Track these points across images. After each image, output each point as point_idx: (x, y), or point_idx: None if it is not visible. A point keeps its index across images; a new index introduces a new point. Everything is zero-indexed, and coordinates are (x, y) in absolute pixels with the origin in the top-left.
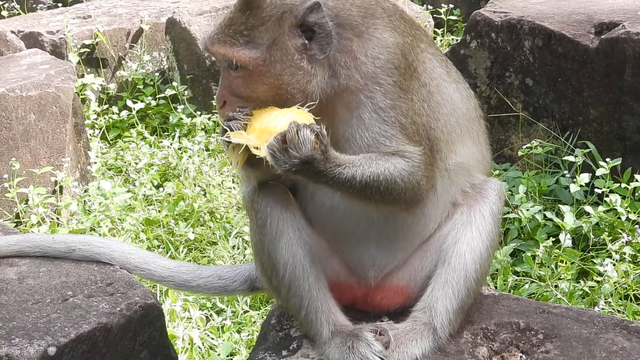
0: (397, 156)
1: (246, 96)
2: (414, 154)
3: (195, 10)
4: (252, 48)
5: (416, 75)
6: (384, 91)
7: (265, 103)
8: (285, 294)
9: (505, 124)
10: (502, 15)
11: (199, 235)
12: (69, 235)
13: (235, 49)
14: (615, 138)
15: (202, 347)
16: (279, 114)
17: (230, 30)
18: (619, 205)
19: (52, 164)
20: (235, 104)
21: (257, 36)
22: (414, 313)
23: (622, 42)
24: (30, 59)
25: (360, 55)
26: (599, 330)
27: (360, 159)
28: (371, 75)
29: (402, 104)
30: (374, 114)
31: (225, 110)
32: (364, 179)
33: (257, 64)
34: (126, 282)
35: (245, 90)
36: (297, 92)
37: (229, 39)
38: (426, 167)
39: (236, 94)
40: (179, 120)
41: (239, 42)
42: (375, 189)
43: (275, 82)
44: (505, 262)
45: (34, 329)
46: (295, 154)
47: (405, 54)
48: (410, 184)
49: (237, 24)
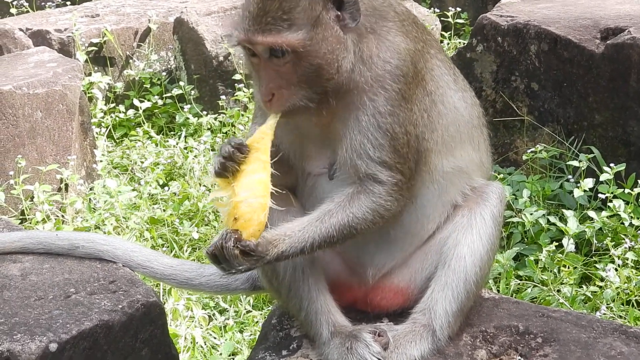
0: (362, 194)
1: (296, 83)
2: (386, 184)
3: (203, 10)
4: (297, 30)
5: (422, 83)
6: (388, 97)
7: (310, 90)
8: (286, 295)
9: (510, 127)
10: (508, 19)
11: (203, 234)
12: (72, 232)
13: (281, 34)
14: (620, 143)
15: (204, 346)
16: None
17: (269, 17)
18: (623, 210)
19: (58, 161)
20: (283, 96)
21: (297, 17)
22: (413, 315)
23: (627, 47)
24: (38, 57)
25: (374, 53)
26: (598, 335)
27: (311, 219)
28: (379, 79)
29: (401, 112)
30: (372, 118)
31: (273, 104)
32: (319, 239)
33: (306, 45)
34: (128, 280)
35: (294, 76)
36: (335, 72)
37: (271, 27)
38: (399, 190)
39: (285, 85)
40: (185, 120)
41: (282, 27)
42: (338, 237)
43: (322, 60)
44: (508, 265)
45: (36, 325)
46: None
47: (414, 62)
48: (378, 215)
49: (272, 11)
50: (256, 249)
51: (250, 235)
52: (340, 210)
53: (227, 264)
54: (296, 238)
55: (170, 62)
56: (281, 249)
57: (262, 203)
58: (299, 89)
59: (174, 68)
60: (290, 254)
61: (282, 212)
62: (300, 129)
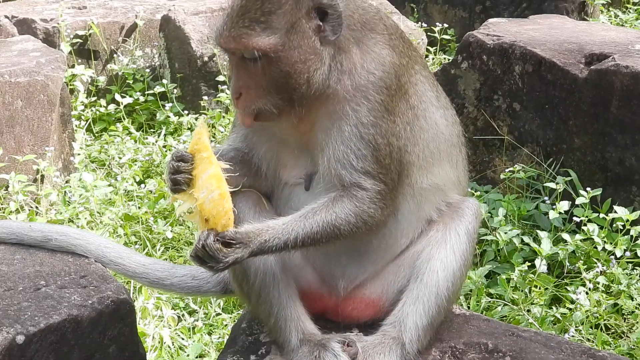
0: (345, 197)
1: (264, 86)
2: (370, 192)
3: (191, 9)
4: (271, 34)
5: (406, 97)
6: (370, 107)
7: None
8: (256, 301)
9: (489, 146)
10: (494, 38)
11: (176, 234)
12: (46, 224)
13: (253, 38)
14: (598, 168)
15: (172, 346)
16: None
17: (246, 20)
18: (596, 235)
19: (36, 152)
20: (251, 96)
21: (274, 21)
22: (383, 327)
23: (611, 74)
24: (22, 45)
25: (357, 64)
26: (567, 357)
27: (295, 217)
28: (362, 89)
29: (384, 124)
30: (355, 128)
31: (240, 103)
32: (302, 236)
33: (277, 50)
34: (100, 276)
35: (263, 80)
36: (303, 84)
37: (246, 30)
38: (383, 199)
39: (253, 87)
40: (166, 118)
41: (256, 30)
42: (319, 237)
43: (291, 69)
44: (480, 283)
45: (4, 316)
46: (216, 264)
47: (398, 75)
48: (361, 220)
49: (251, 12)
50: (235, 236)
51: (224, 227)
52: (324, 209)
53: (213, 260)
54: (280, 230)
55: (155, 59)
56: (264, 238)
57: (220, 193)
58: (266, 93)
59: (158, 65)
60: (274, 245)
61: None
62: (277, 136)
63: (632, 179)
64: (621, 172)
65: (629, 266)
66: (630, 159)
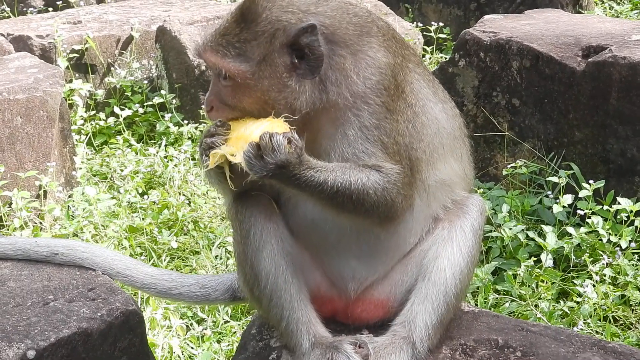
0: (374, 169)
1: (233, 105)
2: (391, 171)
3: (186, 19)
4: (243, 61)
5: (403, 96)
6: (372, 111)
7: (250, 113)
8: (267, 305)
9: (490, 143)
10: (491, 35)
11: (182, 244)
12: (51, 239)
13: (225, 60)
14: (599, 160)
15: (182, 356)
16: (255, 123)
17: (224, 40)
18: (601, 227)
19: (37, 168)
20: (222, 111)
21: (248, 50)
22: (393, 327)
23: (608, 65)
24: (19, 62)
25: (352, 74)
26: (577, 350)
27: (335, 166)
28: (361, 95)
29: (387, 124)
30: (359, 131)
31: (212, 115)
32: (336, 185)
33: (245, 77)
34: (108, 288)
35: (233, 100)
36: (284, 108)
37: (221, 49)
38: (403, 185)
39: (224, 102)
40: (166, 129)
41: (230, 53)
42: (347, 197)
43: (261, 97)
44: (487, 280)
45: (14, 332)
46: (270, 159)
47: (395, 75)
48: (383, 198)
49: (230, 35)
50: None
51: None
52: (360, 169)
53: (271, 155)
54: (323, 166)
55: (152, 71)
56: (313, 165)
57: (270, 122)
58: (236, 110)
59: (156, 76)
60: (316, 177)
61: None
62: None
63: (634, 169)
64: (623, 164)
65: (634, 257)
66: (631, 150)
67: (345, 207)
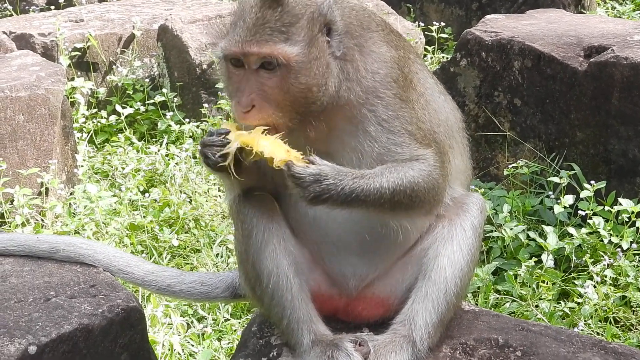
0: (412, 160)
1: (277, 100)
2: (428, 156)
3: (187, 18)
4: (292, 45)
5: (412, 85)
6: (385, 104)
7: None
8: (268, 303)
9: (492, 143)
10: (492, 34)
11: (183, 242)
12: (53, 235)
13: (277, 46)
14: (601, 161)
15: (182, 353)
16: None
17: (267, 28)
18: (602, 228)
19: (39, 165)
20: (264, 110)
21: (293, 33)
22: (393, 325)
23: (610, 66)
24: (21, 60)
25: (362, 69)
26: (577, 350)
27: (378, 169)
28: (372, 90)
29: (405, 113)
30: (379, 126)
31: (251, 116)
32: (390, 185)
33: (299, 60)
34: (109, 285)
35: (279, 93)
36: (319, 95)
37: (268, 37)
38: (441, 165)
39: (266, 98)
40: (167, 127)
41: (279, 38)
42: (402, 193)
43: (309, 82)
44: (487, 280)
45: (15, 328)
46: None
47: (401, 67)
48: (431, 183)
49: (271, 22)
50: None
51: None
52: (399, 168)
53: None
54: (375, 172)
55: (154, 69)
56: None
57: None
58: (280, 106)
59: (157, 75)
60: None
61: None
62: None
63: (635, 170)
64: (625, 164)
65: (635, 258)
66: (633, 151)
67: (402, 204)
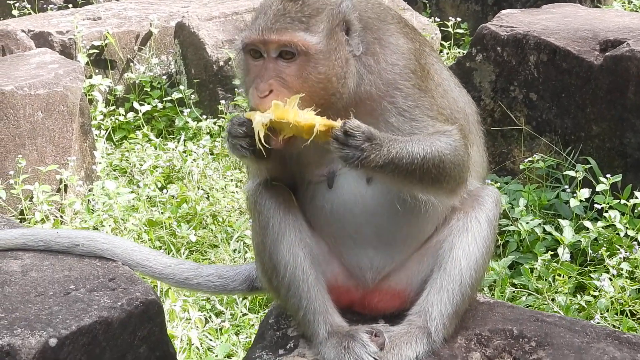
0: (438, 134)
1: (295, 87)
2: (453, 131)
3: (204, 15)
4: (312, 35)
5: (429, 76)
6: (405, 95)
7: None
8: (285, 294)
9: (508, 137)
10: (508, 29)
11: (200, 237)
12: (72, 230)
13: (297, 34)
14: (617, 154)
15: (200, 347)
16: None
17: (288, 18)
18: (618, 221)
19: (58, 162)
20: (282, 95)
21: (313, 24)
22: (409, 316)
23: (626, 59)
24: (40, 58)
25: (382, 61)
26: (591, 340)
27: (408, 137)
28: (391, 82)
29: (425, 102)
30: (400, 116)
31: (267, 101)
32: (421, 152)
33: (317, 50)
34: (128, 278)
35: (297, 80)
36: (339, 87)
37: (289, 26)
38: (465, 143)
39: (285, 84)
40: (185, 124)
41: (299, 27)
42: (431, 162)
43: (328, 72)
44: (504, 273)
45: (36, 320)
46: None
47: (418, 59)
48: (457, 157)
49: (292, 13)
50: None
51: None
52: (428, 138)
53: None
54: (405, 138)
55: (171, 66)
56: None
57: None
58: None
59: (174, 72)
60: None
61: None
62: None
63: None
64: None
65: None
66: None
67: (430, 174)
